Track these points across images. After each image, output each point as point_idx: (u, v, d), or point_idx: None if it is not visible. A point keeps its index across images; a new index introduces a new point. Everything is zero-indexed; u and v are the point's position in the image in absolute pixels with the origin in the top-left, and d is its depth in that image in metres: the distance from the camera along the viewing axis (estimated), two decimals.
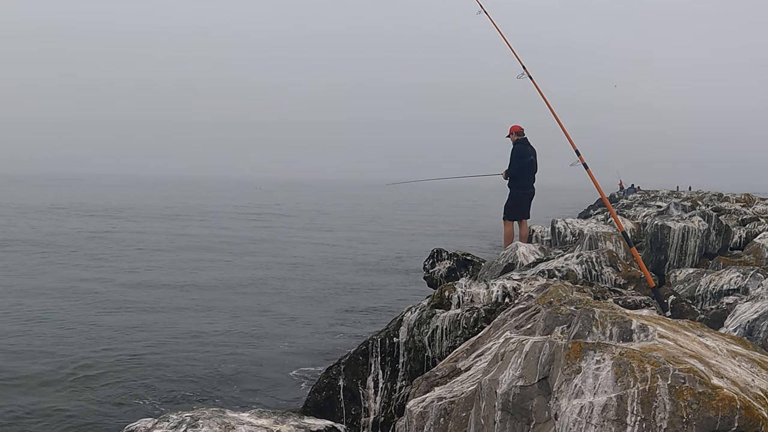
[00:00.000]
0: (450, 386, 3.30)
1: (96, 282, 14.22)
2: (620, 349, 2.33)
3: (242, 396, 7.39)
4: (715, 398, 2.10)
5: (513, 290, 5.21)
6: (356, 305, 12.60)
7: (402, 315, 5.28)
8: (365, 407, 5.04)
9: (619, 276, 6.12)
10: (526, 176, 10.31)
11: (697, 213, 9.45)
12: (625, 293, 5.18)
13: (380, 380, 5.09)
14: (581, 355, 2.34)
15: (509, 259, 7.82)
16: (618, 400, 2.18)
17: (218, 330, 10.31)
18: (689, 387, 2.13)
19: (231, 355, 8.90)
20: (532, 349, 2.54)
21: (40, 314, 10.89)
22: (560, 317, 3.02)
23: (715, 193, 30.11)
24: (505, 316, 3.98)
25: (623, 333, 2.62)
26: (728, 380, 2.22)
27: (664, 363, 2.21)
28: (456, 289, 5.28)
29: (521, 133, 10.31)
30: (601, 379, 2.25)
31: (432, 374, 3.64)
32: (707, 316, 4.88)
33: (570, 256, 6.51)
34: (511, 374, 2.54)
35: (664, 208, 14.01)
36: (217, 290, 13.80)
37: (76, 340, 9.35)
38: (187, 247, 21.73)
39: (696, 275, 6.68)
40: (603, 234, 8.34)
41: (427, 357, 4.83)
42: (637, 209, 19.50)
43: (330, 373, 5.26)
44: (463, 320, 4.74)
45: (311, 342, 9.77)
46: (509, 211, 10.42)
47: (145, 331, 9.98)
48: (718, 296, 5.84)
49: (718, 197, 23.60)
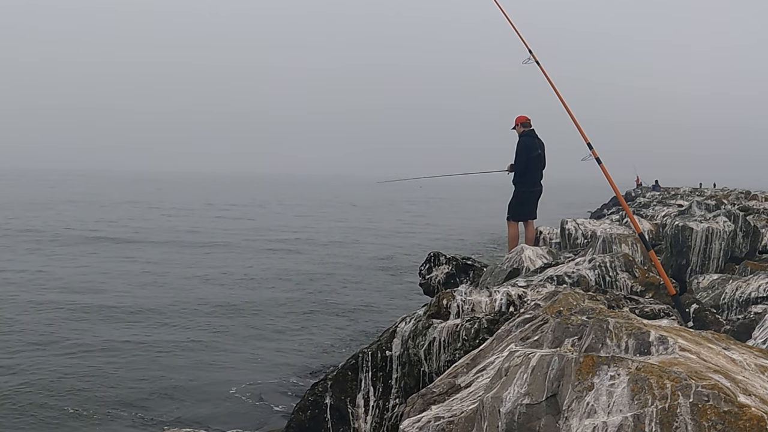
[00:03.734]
0: (448, 404, 3.30)
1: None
2: (637, 363, 2.32)
3: (220, 415, 7.39)
4: (743, 418, 2.10)
5: (518, 298, 5.22)
6: (345, 315, 12.60)
7: (395, 326, 5.27)
8: (354, 428, 5.03)
9: (635, 282, 6.13)
10: (532, 172, 10.28)
11: (722, 213, 9.48)
12: (643, 301, 5.19)
13: (371, 398, 5.08)
14: (594, 370, 2.34)
15: (514, 263, 7.82)
16: (634, 420, 2.18)
17: (193, 342, 10.29)
18: (713, 405, 2.13)
19: (206, 371, 8.89)
20: (539, 364, 2.54)
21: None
22: (570, 328, 3.02)
23: (743, 190, 30.26)
24: (510, 327, 3.98)
25: (640, 345, 2.62)
26: (757, 398, 2.22)
27: (686, 379, 2.21)
28: (455, 297, 5.27)
29: (528, 125, 10.26)
30: (616, 397, 2.25)
31: (428, 391, 3.63)
32: (733, 326, 4.90)
33: (581, 261, 6.51)
34: (516, 391, 2.53)
35: (686, 208, 14.07)
36: (189, 299, 13.77)
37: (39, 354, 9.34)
38: (176, 242, 21.71)
39: (721, 282, 6.70)
40: (618, 236, 8.36)
41: (423, 372, 4.82)
42: (656, 208, 19.57)
43: (316, 390, 5.25)
44: (462, 331, 4.74)
45: (295, 356, 9.76)
46: (514, 210, 10.41)
47: (111, 347, 9.95)
48: (746, 305, 5.86)
49: (745, 195, 23.72)
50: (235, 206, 49.19)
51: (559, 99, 7.23)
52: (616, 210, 22.93)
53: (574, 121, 6.90)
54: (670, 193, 38.08)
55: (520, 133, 10.27)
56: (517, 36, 7.89)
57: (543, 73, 7.47)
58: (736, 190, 31.65)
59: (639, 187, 53.37)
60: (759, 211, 14.02)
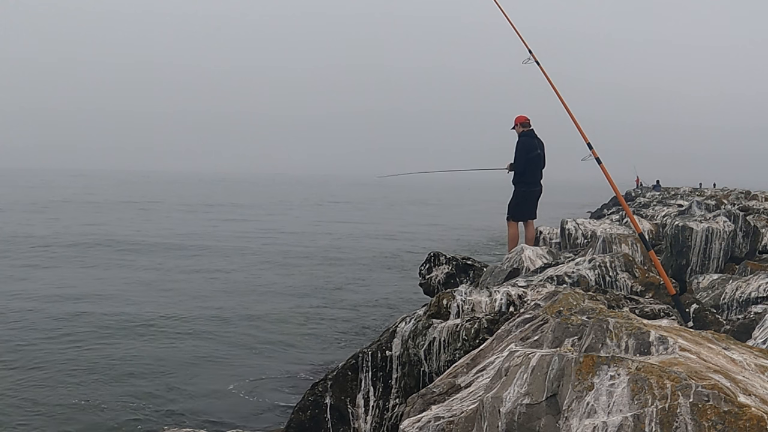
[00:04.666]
0: (448, 404, 3.30)
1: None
2: (637, 363, 2.32)
3: (220, 415, 7.38)
4: (743, 418, 2.10)
5: (518, 298, 5.22)
6: (345, 315, 12.60)
7: (395, 326, 5.27)
8: (354, 428, 5.03)
9: (635, 282, 6.13)
10: (532, 172, 10.28)
11: (722, 213, 9.48)
12: (643, 301, 5.19)
13: (371, 398, 5.08)
14: (594, 370, 2.34)
15: (514, 263, 7.82)
16: (634, 420, 2.18)
17: (192, 343, 10.29)
18: (713, 405, 2.13)
19: (206, 371, 8.88)
20: (539, 364, 2.54)
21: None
22: (571, 328, 3.02)
23: (743, 190, 30.26)
24: (510, 327, 3.98)
25: (640, 345, 2.62)
26: (757, 398, 2.22)
27: (686, 379, 2.21)
28: (455, 297, 5.27)
29: (527, 124, 10.27)
30: (616, 397, 2.25)
31: (428, 391, 3.63)
32: (733, 326, 4.90)
33: (581, 261, 6.51)
34: (516, 391, 2.53)
35: (686, 208, 14.07)
36: (188, 300, 13.77)
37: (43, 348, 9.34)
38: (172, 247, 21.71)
39: (721, 281, 6.70)
40: (618, 236, 8.36)
41: (423, 372, 4.82)
42: (656, 209, 19.56)
43: (315, 390, 5.25)
44: (462, 331, 4.74)
45: (295, 356, 9.75)
46: (514, 210, 10.41)
47: (111, 346, 9.96)
48: (746, 305, 5.86)
49: (745, 195, 23.71)
50: (236, 206, 49.21)
51: (559, 99, 7.23)
52: (616, 210, 22.92)
53: (574, 121, 6.90)
54: (670, 193, 38.09)
55: (519, 133, 10.29)
56: (517, 36, 7.89)
57: (543, 73, 7.47)
58: (736, 190, 31.65)
59: (639, 187, 53.36)
60: (759, 211, 14.00)
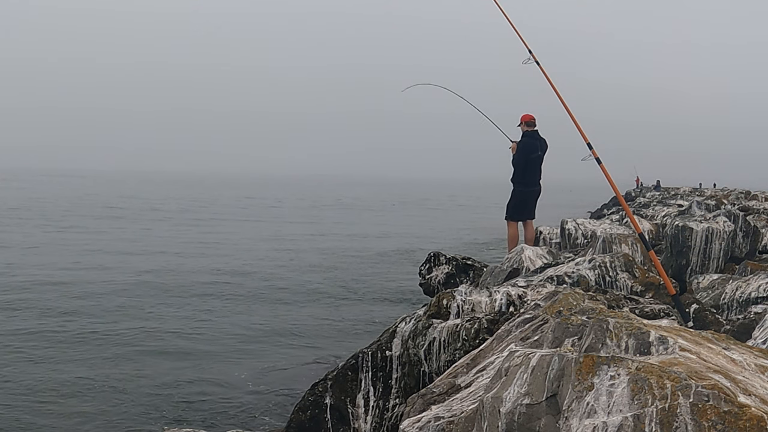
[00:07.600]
0: (448, 404, 3.30)
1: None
2: (637, 363, 2.32)
3: (220, 415, 7.38)
4: (743, 418, 2.10)
5: (518, 298, 5.22)
6: (344, 315, 12.59)
7: (395, 326, 5.27)
8: (354, 428, 5.03)
9: (635, 282, 6.13)
10: (531, 173, 10.23)
11: (722, 213, 9.48)
12: (643, 302, 5.19)
13: (371, 398, 5.08)
14: (594, 370, 2.34)
15: (514, 263, 7.82)
16: (634, 420, 2.18)
17: (192, 343, 10.28)
18: (713, 405, 2.13)
19: (206, 371, 8.88)
20: (539, 364, 2.54)
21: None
22: (571, 328, 3.02)
23: (743, 190, 30.27)
24: (510, 327, 3.98)
25: (640, 345, 2.62)
26: (757, 398, 2.22)
27: (686, 379, 2.21)
28: (455, 297, 5.27)
29: (532, 124, 10.11)
30: (616, 397, 2.25)
31: (428, 391, 3.63)
32: (733, 326, 4.90)
33: (581, 261, 6.51)
34: (516, 391, 2.53)
35: (686, 208, 14.08)
36: (188, 300, 13.77)
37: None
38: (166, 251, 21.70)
39: (721, 282, 6.70)
40: (618, 236, 8.36)
41: (423, 372, 4.83)
42: (656, 209, 19.57)
43: (315, 390, 5.25)
44: (462, 331, 4.74)
45: (295, 356, 9.75)
46: (513, 210, 10.38)
47: (111, 346, 9.95)
48: (746, 305, 5.86)
49: (745, 195, 23.72)
50: (235, 207, 49.20)
51: (559, 99, 7.22)
52: (616, 210, 22.93)
53: (574, 121, 6.90)
54: (670, 193, 38.10)
55: (523, 131, 10.19)
56: (517, 36, 7.88)
57: (543, 73, 7.46)
58: (736, 190, 31.66)
59: (639, 187, 53.35)
60: (759, 211, 14.01)
